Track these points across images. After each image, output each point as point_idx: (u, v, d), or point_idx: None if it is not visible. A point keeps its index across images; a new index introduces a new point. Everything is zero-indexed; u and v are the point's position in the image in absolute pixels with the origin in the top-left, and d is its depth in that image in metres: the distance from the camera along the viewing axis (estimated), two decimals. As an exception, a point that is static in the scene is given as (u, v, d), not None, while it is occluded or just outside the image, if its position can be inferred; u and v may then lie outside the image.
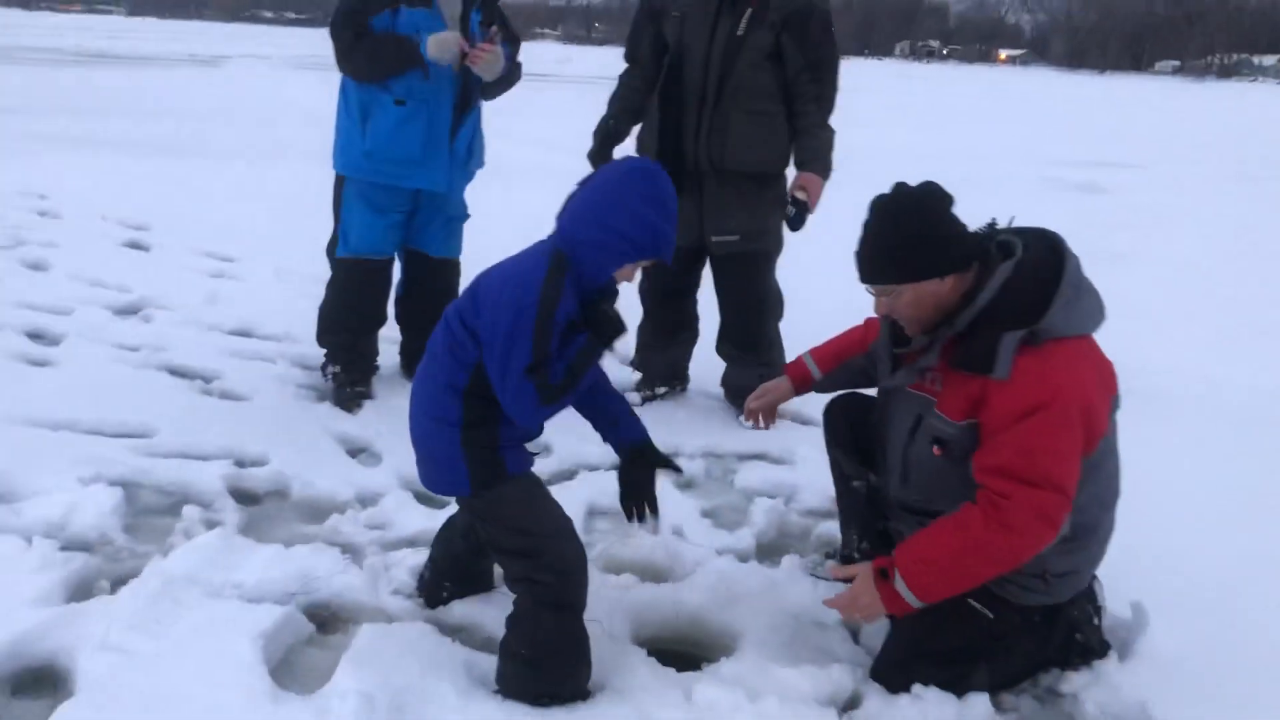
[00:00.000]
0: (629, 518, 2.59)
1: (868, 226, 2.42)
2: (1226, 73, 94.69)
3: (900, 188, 2.42)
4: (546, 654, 2.34)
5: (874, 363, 2.72)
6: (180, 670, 2.36)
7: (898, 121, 20.89)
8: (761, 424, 3.04)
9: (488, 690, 2.39)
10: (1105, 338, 2.48)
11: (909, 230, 2.36)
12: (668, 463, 2.64)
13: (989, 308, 2.35)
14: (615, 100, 4.21)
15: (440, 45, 3.81)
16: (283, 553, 2.91)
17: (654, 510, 2.58)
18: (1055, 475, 2.28)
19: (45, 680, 2.43)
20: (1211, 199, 11.66)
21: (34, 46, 31.74)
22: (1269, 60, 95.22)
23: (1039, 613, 2.52)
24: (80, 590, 2.74)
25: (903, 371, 2.55)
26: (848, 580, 2.49)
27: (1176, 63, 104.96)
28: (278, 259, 6.37)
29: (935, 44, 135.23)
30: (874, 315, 2.78)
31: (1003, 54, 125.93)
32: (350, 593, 2.78)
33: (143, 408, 3.95)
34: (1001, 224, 2.49)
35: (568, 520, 2.46)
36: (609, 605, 2.70)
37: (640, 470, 2.59)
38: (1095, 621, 2.63)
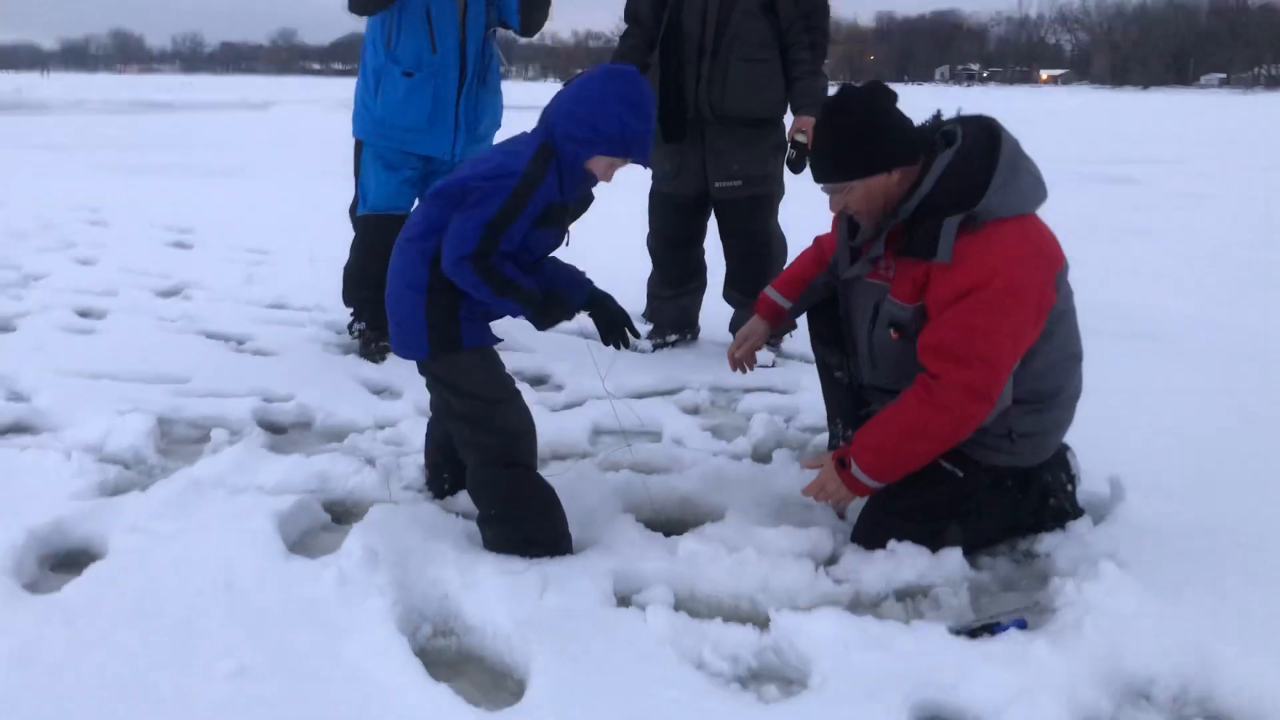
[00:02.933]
0: (616, 347, 2.76)
1: (817, 128, 2.58)
2: (1275, 83, 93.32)
3: (845, 88, 2.57)
4: (511, 506, 2.51)
5: (834, 270, 2.86)
6: (202, 543, 2.55)
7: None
8: (747, 369, 3.17)
9: (485, 550, 2.55)
10: (1123, 293, 2.58)
11: (854, 128, 2.51)
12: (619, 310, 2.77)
13: (930, 195, 2.48)
14: (619, 58, 4.39)
15: None
16: (303, 460, 3.10)
17: (634, 332, 2.77)
18: (986, 351, 2.41)
19: (81, 560, 2.62)
20: (1239, 187, 11.60)
21: (94, 99, 32.90)
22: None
23: (1011, 476, 2.62)
24: (115, 491, 2.94)
25: (859, 262, 2.69)
26: (819, 469, 2.64)
27: (1222, 75, 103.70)
28: (313, 248, 6.64)
29: (975, 68, 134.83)
30: (821, 235, 2.94)
31: (1044, 74, 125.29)
32: (364, 489, 2.96)
33: (179, 361, 4.19)
34: (948, 114, 2.63)
35: (514, 388, 2.62)
36: (605, 490, 2.85)
37: (606, 310, 2.75)
38: (1069, 488, 2.73)
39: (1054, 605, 2.31)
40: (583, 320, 4.78)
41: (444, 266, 2.46)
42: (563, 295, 2.61)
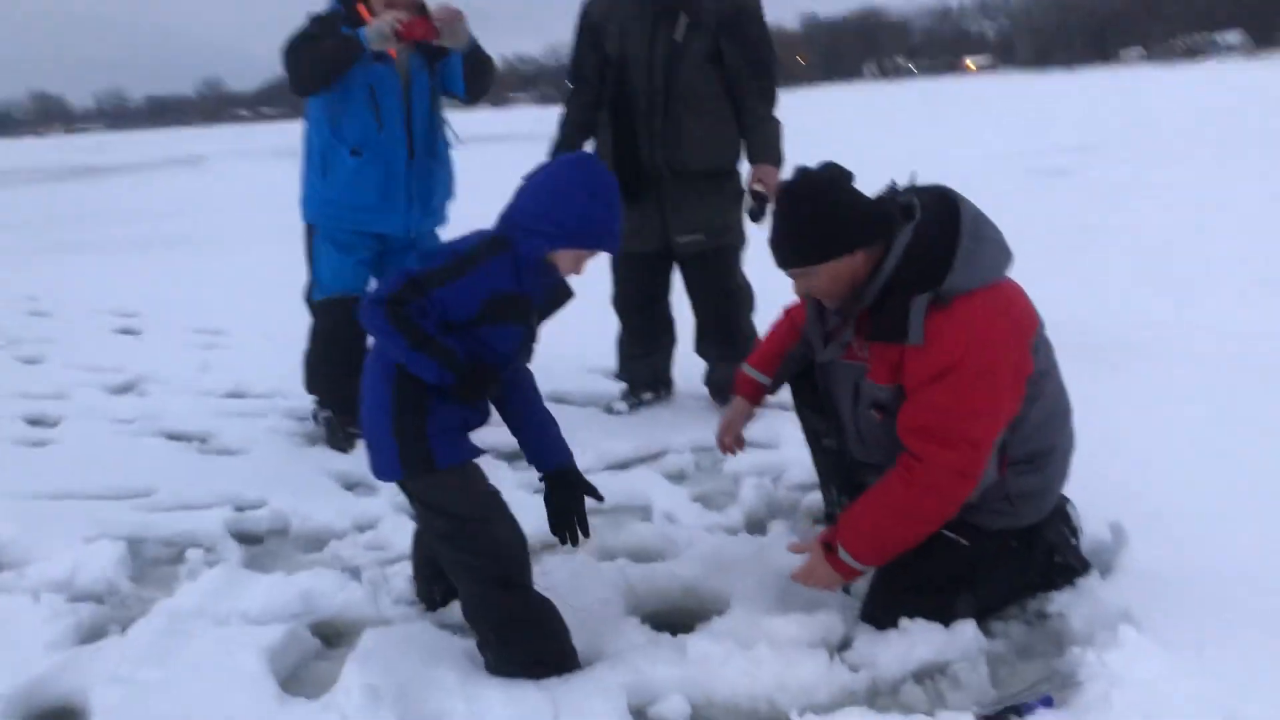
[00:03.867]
0: (562, 542, 2.65)
1: (776, 214, 2.52)
2: (1192, 53, 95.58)
3: (801, 172, 2.53)
4: (512, 629, 2.41)
5: (809, 343, 2.81)
6: (191, 690, 2.43)
7: (876, 138, 21.11)
8: (736, 451, 3.10)
9: (488, 674, 2.45)
10: (1079, 298, 2.56)
11: (814, 212, 2.45)
12: (590, 489, 2.68)
13: (894, 276, 2.43)
14: (566, 120, 4.34)
15: (378, 30, 3.87)
16: (285, 579, 2.98)
17: (585, 531, 2.64)
18: (967, 432, 2.38)
19: (63, 718, 2.49)
20: (1174, 172, 11.78)
21: (21, 167, 32.27)
22: (1232, 38, 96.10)
23: (1015, 538, 2.58)
24: (91, 634, 2.80)
25: (832, 345, 2.65)
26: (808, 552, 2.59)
27: (1142, 49, 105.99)
28: (267, 326, 6.49)
29: (901, 60, 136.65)
30: (790, 306, 2.90)
31: (970, 63, 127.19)
32: (353, 607, 2.84)
33: (142, 471, 4.03)
34: (903, 182, 2.58)
35: (499, 502, 2.50)
36: (603, 585, 2.77)
37: (564, 495, 2.65)
38: (1073, 542, 2.70)
39: (1077, 678, 2.26)
40: (557, 385, 4.70)
41: (359, 314, 2.36)
42: (491, 368, 2.44)
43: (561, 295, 2.57)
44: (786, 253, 2.51)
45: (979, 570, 2.54)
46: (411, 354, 2.32)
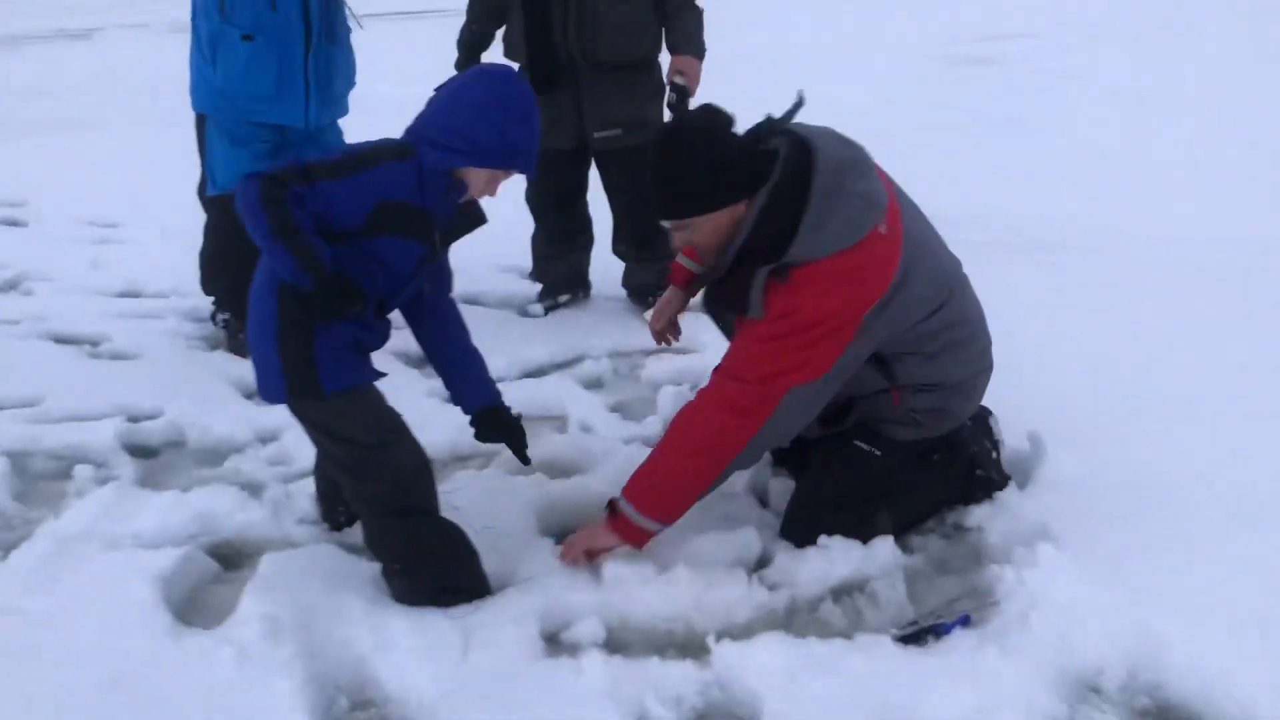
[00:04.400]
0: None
1: (652, 165, 2.35)
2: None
3: (680, 117, 2.39)
4: (417, 559, 2.31)
5: None
6: (79, 624, 2.29)
7: (789, 19, 20.69)
8: (671, 340, 2.98)
9: (395, 601, 2.36)
10: (1010, 194, 2.45)
11: (693, 162, 2.27)
12: (516, 431, 2.58)
13: (747, 243, 2.30)
14: (475, 4, 4.08)
15: None
16: (180, 497, 2.83)
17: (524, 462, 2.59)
18: (757, 370, 2.29)
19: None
20: (1105, 67, 11.75)
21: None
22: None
23: (936, 450, 2.54)
24: (-30, 561, 2.64)
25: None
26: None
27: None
28: (164, 219, 6.13)
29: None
30: None
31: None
32: (253, 527, 2.72)
33: (27, 378, 3.79)
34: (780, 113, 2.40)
35: (398, 425, 2.36)
36: (516, 504, 2.68)
37: (491, 437, 2.56)
38: (994, 456, 2.67)
39: (995, 596, 2.25)
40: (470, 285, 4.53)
41: (236, 190, 2.13)
42: (358, 282, 2.18)
43: (472, 219, 2.41)
44: (666, 204, 2.34)
45: (896, 480, 2.50)
46: (270, 242, 2.08)
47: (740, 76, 6.54)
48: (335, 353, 2.27)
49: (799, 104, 2.39)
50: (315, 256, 2.09)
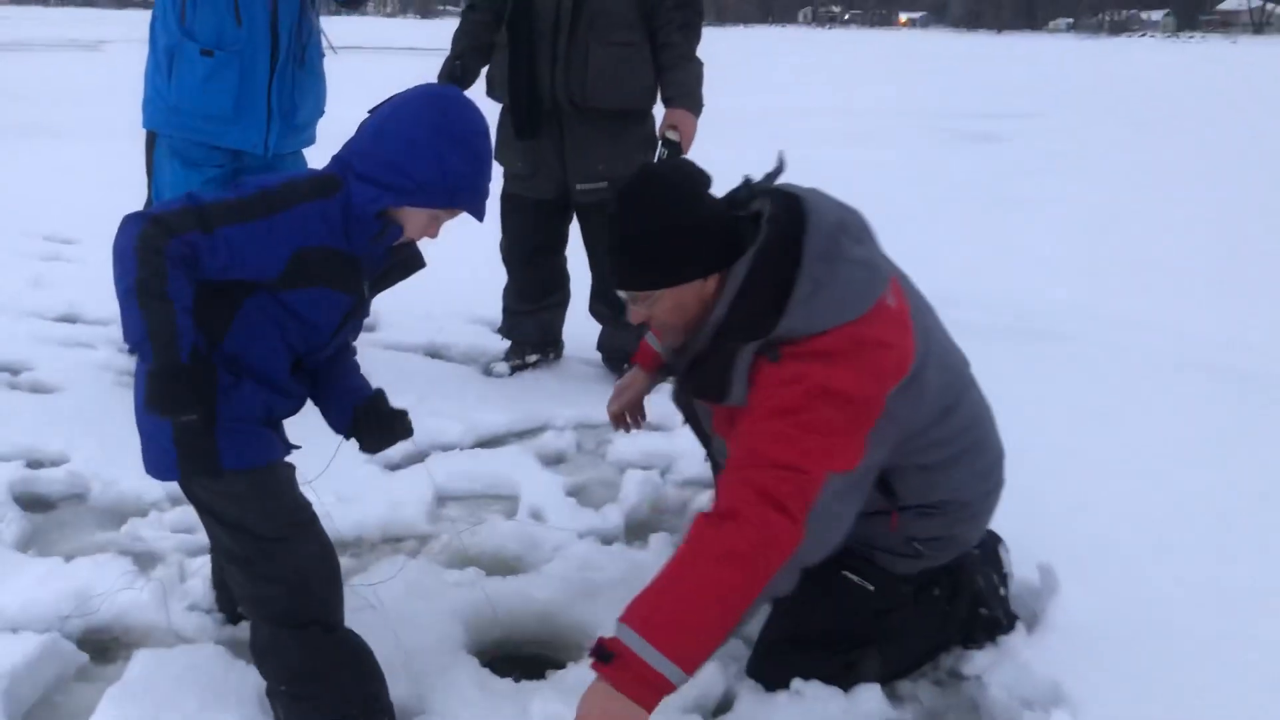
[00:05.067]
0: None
1: (613, 223, 1.99)
2: (1118, 29, 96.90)
3: (647, 172, 2.04)
4: (309, 681, 1.91)
5: None
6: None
7: (801, 83, 20.65)
8: (632, 426, 2.62)
9: (282, 723, 1.97)
10: (1003, 275, 2.14)
11: (659, 226, 1.93)
12: (398, 423, 2.15)
13: (726, 320, 1.95)
14: (460, 38, 3.77)
15: None
16: (60, 568, 2.46)
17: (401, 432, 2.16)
18: (776, 455, 1.85)
19: None
20: (1104, 146, 11.59)
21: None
22: (1156, 15, 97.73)
23: (938, 584, 2.18)
24: None
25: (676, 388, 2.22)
26: None
27: (1070, 20, 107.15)
28: (120, 238, 5.79)
29: (837, 9, 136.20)
30: None
31: (903, 17, 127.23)
32: (135, 611, 2.32)
33: (-71, 408, 3.43)
34: (759, 175, 2.09)
35: (305, 515, 1.99)
36: (442, 609, 2.30)
37: (373, 439, 2.17)
38: (1002, 593, 2.31)
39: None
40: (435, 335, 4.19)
41: (118, 230, 1.77)
42: (205, 372, 1.78)
43: (408, 263, 2.07)
44: (627, 272, 1.99)
45: (891, 621, 2.14)
46: (127, 297, 1.72)
47: (735, 138, 6.26)
48: (239, 424, 1.91)
49: (780, 168, 2.07)
50: (172, 335, 1.72)
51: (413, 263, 2.08)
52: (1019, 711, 2.04)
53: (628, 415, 2.59)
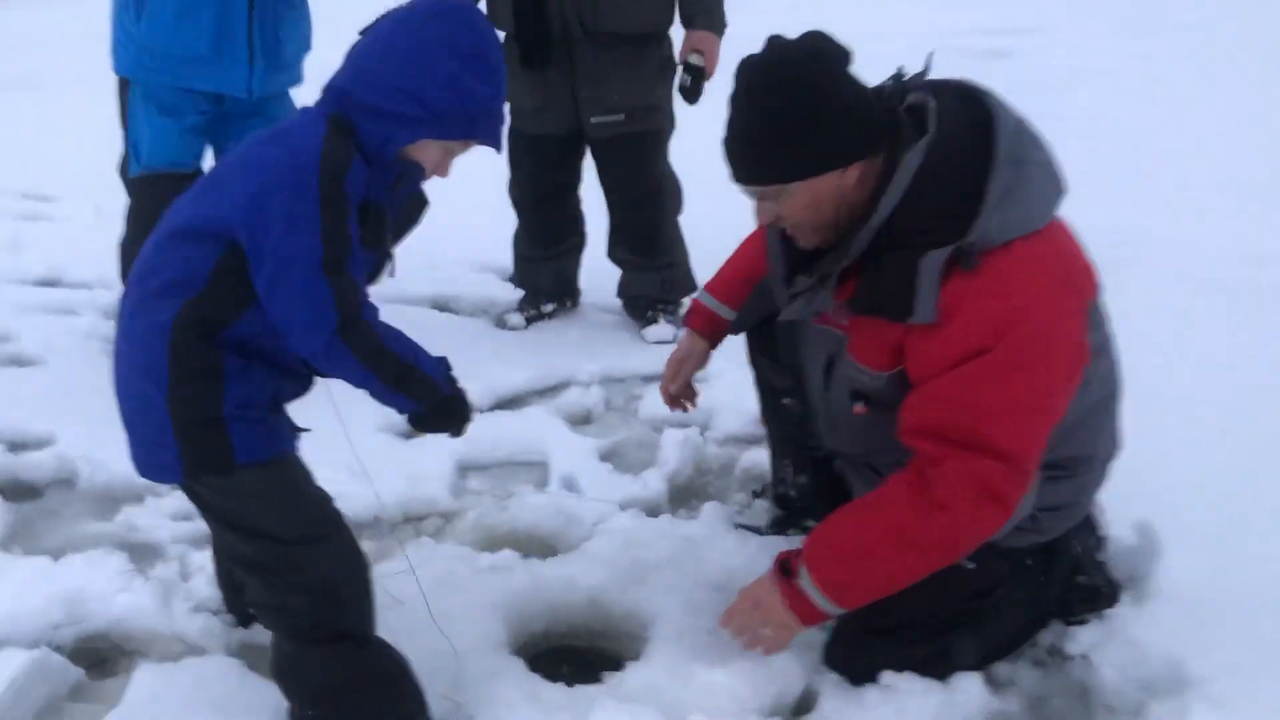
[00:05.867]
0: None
1: (737, 104, 1.75)
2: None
3: (776, 46, 1.74)
4: (341, 704, 1.68)
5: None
6: None
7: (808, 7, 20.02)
8: (686, 407, 2.36)
9: (305, 747, 1.74)
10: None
11: (794, 107, 1.69)
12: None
13: (895, 219, 1.70)
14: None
15: None
16: (48, 568, 2.22)
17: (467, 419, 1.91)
18: (998, 438, 1.68)
19: None
20: (1121, 59, 11.16)
21: None
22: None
23: (1030, 554, 1.94)
24: None
25: (799, 301, 1.90)
26: None
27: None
28: (100, 196, 5.46)
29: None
30: None
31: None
32: (135, 616, 2.09)
33: (-100, 386, 3.17)
34: (910, 72, 1.83)
35: (329, 511, 1.77)
36: (478, 601, 2.06)
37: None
38: (1099, 557, 2.06)
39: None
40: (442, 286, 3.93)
41: (311, 359, 1.64)
42: (464, 392, 1.82)
43: (416, 206, 1.81)
44: (752, 163, 1.75)
45: (987, 603, 1.89)
46: (382, 396, 1.69)
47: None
48: (249, 412, 1.67)
49: (929, 66, 1.83)
50: (432, 387, 1.71)
51: (418, 204, 1.82)
52: (1138, 696, 1.81)
53: (683, 397, 2.32)
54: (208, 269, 1.60)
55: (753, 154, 1.74)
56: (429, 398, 1.70)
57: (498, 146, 1.75)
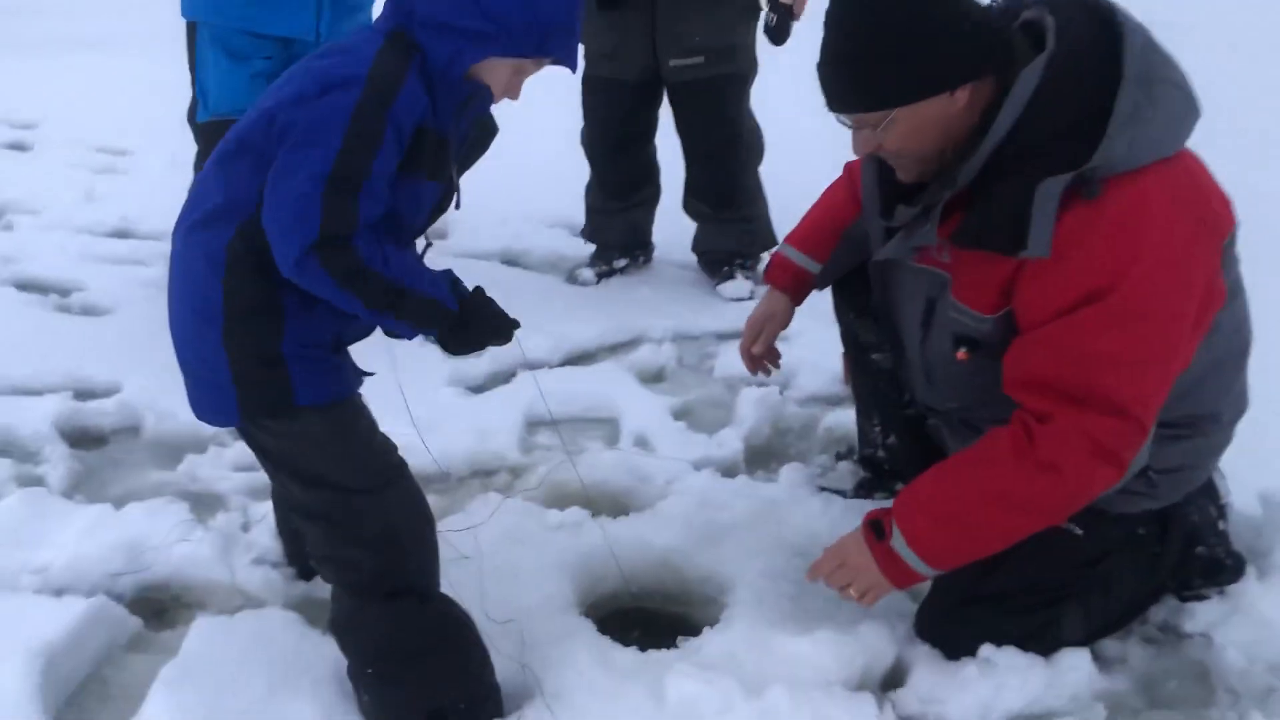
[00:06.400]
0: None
1: (833, 23, 1.60)
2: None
3: None
4: (403, 662, 1.59)
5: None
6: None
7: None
8: (770, 370, 2.21)
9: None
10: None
11: (897, 24, 1.54)
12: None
13: (1010, 144, 1.54)
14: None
15: None
16: (109, 516, 2.16)
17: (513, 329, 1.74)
18: (1115, 391, 1.53)
19: None
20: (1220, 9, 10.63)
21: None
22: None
23: (1143, 522, 1.77)
24: None
25: (898, 239, 1.75)
26: None
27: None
28: (177, 146, 5.46)
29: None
30: (852, 162, 1.98)
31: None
32: (194, 566, 2.03)
33: (-27, 333, 3.16)
34: None
35: (393, 459, 1.68)
36: (546, 560, 1.96)
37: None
38: (1220, 527, 1.89)
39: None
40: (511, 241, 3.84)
41: (281, 268, 1.48)
42: (490, 301, 1.64)
43: (486, 132, 1.68)
44: (848, 88, 1.60)
45: (1096, 572, 1.74)
46: (371, 319, 1.58)
47: None
48: (311, 351, 1.58)
49: None
50: (431, 308, 1.54)
51: (488, 131, 1.69)
52: (1267, 680, 1.65)
53: (766, 358, 2.18)
54: (259, 182, 1.48)
55: (850, 77, 1.59)
56: (438, 318, 1.56)
57: (573, 65, 1.62)
